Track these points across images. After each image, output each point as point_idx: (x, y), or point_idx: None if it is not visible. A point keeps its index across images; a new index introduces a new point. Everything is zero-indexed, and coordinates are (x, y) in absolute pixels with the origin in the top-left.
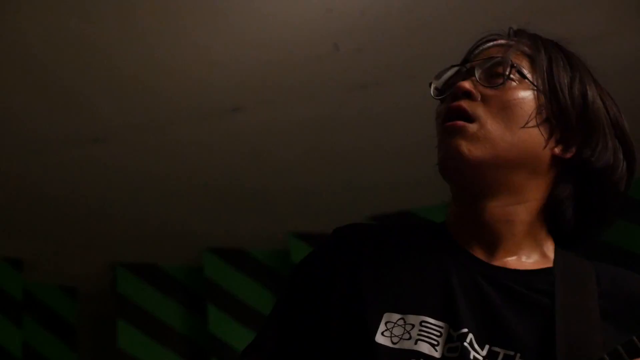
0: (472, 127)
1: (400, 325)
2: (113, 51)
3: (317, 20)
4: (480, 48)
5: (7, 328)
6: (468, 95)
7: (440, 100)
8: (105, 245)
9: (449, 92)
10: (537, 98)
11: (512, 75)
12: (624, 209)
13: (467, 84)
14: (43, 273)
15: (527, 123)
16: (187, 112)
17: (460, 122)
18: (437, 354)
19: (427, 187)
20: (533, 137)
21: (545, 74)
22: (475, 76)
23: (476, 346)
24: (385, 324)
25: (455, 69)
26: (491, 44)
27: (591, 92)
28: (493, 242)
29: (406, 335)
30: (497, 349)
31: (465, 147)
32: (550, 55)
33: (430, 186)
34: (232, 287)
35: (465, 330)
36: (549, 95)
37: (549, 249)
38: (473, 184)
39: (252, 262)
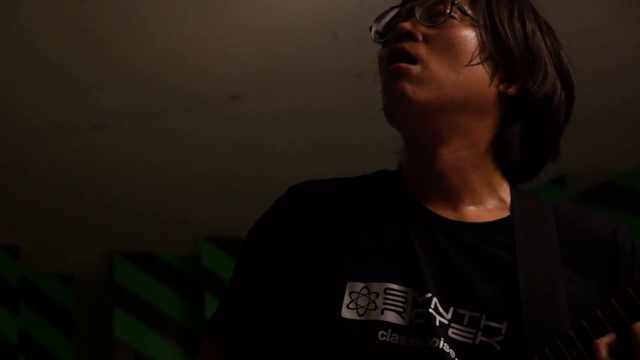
0: (416, 68)
1: (365, 295)
2: (112, 39)
3: (317, 9)
4: None
5: (3, 316)
6: (410, 36)
7: (382, 45)
8: (102, 233)
9: (390, 34)
10: (479, 35)
11: (453, 13)
12: (618, 198)
13: (407, 25)
14: (40, 261)
15: (471, 61)
16: (186, 100)
17: (404, 65)
18: (404, 322)
19: None
20: (478, 75)
21: (485, 9)
22: (415, 16)
23: (441, 310)
24: (350, 294)
25: (396, 10)
26: None
27: (530, 25)
28: (448, 192)
29: (372, 305)
30: (462, 311)
31: (410, 89)
32: None
33: None
34: (229, 276)
35: (429, 295)
36: (490, 31)
37: (505, 192)
38: (420, 128)
39: None
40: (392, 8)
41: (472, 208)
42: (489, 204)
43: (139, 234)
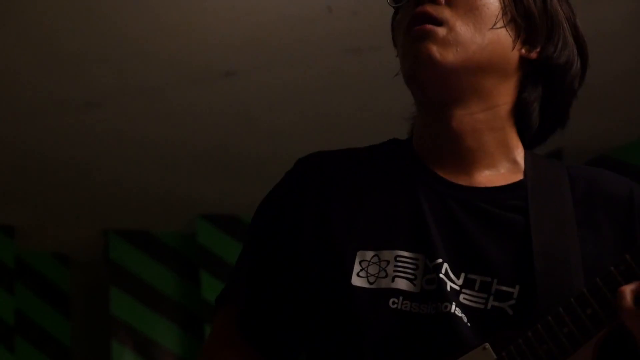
0: (441, 30)
1: (375, 263)
2: (106, 14)
3: None
4: None
5: None
6: None
7: (395, 10)
8: (98, 212)
9: None
10: None
11: None
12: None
13: None
14: (35, 240)
15: (495, 24)
16: (180, 76)
17: (429, 26)
18: (415, 289)
19: None
20: (501, 39)
21: None
22: None
23: (452, 275)
24: (360, 263)
25: None
26: None
27: None
28: (462, 155)
29: (382, 273)
30: (473, 276)
31: (436, 51)
32: None
33: None
34: (225, 253)
35: (440, 260)
36: None
37: (520, 155)
38: (444, 91)
39: (245, 228)
40: None
41: (485, 172)
42: (503, 168)
43: (134, 212)
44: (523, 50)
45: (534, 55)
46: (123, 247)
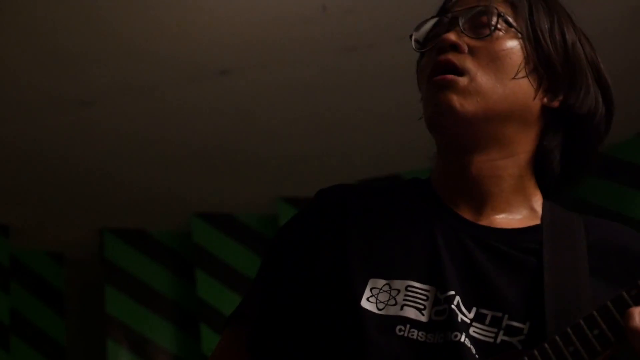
0: (463, 80)
1: (386, 291)
2: (101, 12)
3: None
4: None
5: None
6: (455, 48)
7: (420, 54)
8: (93, 210)
9: (432, 44)
10: (523, 47)
11: (498, 25)
12: (613, 170)
13: (453, 36)
14: (30, 239)
15: (517, 74)
16: (176, 74)
17: (450, 76)
18: (424, 318)
19: (416, 150)
20: (523, 88)
21: (527, 20)
22: (459, 26)
23: (463, 308)
24: (371, 289)
25: (436, 19)
26: None
27: (570, 35)
28: (480, 199)
29: (392, 301)
30: (484, 311)
31: (457, 101)
32: (531, 0)
33: (419, 149)
34: (220, 252)
35: (452, 292)
36: (533, 43)
37: (537, 202)
38: (464, 139)
39: (240, 227)
40: (432, 17)
41: (501, 215)
42: (520, 213)
43: (129, 211)
44: (545, 100)
45: (555, 104)
46: (118, 245)
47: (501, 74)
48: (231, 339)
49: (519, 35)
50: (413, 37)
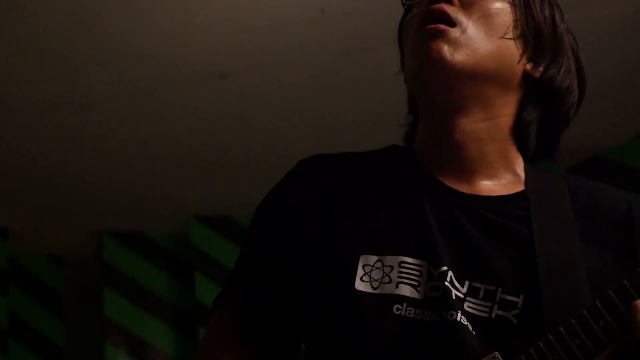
0: (455, 31)
1: (379, 268)
2: (99, 16)
3: None
4: None
5: None
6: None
7: (405, 10)
8: (91, 213)
9: None
10: (513, 11)
11: None
12: (610, 173)
13: None
14: (29, 242)
15: (505, 33)
16: (174, 77)
17: (442, 26)
18: (419, 296)
19: None
20: (510, 49)
21: None
22: None
23: (456, 283)
24: (363, 267)
25: None
26: None
27: (558, 16)
28: (464, 164)
29: (386, 279)
30: (477, 285)
31: (447, 51)
32: None
33: None
34: (218, 254)
35: (445, 268)
36: (524, 9)
37: (520, 167)
38: (448, 94)
39: (239, 229)
40: None
41: (486, 182)
42: (504, 178)
43: (127, 213)
44: (528, 67)
45: (537, 73)
46: (116, 248)
47: (491, 31)
48: (222, 322)
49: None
50: None
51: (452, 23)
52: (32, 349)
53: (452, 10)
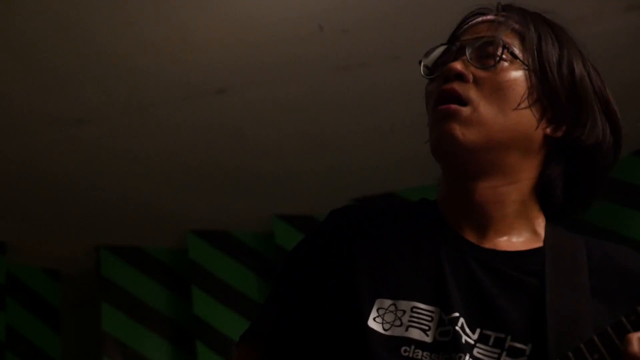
0: (466, 110)
1: (392, 312)
2: (97, 31)
3: (302, 1)
4: (469, 24)
5: None
6: (460, 77)
7: (429, 80)
8: (89, 227)
9: (439, 71)
10: (528, 78)
11: (504, 56)
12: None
13: (459, 66)
14: (26, 256)
15: (519, 105)
16: (171, 93)
17: (454, 106)
18: (428, 339)
19: (412, 168)
20: (525, 118)
21: (535, 52)
22: (466, 56)
23: (467, 330)
24: (377, 310)
25: (444, 47)
26: (480, 19)
27: (578, 69)
28: (484, 223)
29: (397, 322)
30: (488, 332)
31: (459, 131)
32: (540, 32)
33: (415, 167)
34: (216, 269)
35: (457, 314)
36: (539, 74)
37: (540, 225)
38: (466, 166)
39: (236, 244)
40: (441, 44)
41: (505, 239)
42: (523, 236)
43: (125, 228)
44: (548, 130)
45: (559, 134)
46: (114, 262)
47: (503, 105)
48: (246, 354)
49: (525, 66)
50: (422, 63)
51: (464, 102)
52: None
53: (464, 89)
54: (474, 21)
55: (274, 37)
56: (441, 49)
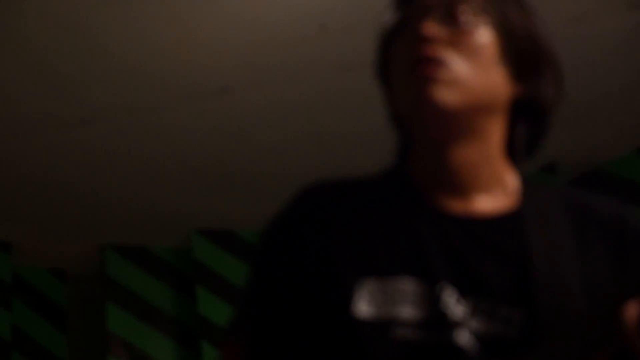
0: (445, 72)
1: (377, 291)
2: (100, 33)
3: (304, 0)
4: None
5: None
6: (432, 40)
7: (386, 40)
8: (94, 227)
9: (405, 32)
10: (497, 38)
11: (471, 16)
12: (610, 186)
13: (431, 27)
14: (32, 256)
15: (494, 63)
16: (175, 93)
17: (433, 69)
18: (418, 316)
19: None
20: (498, 77)
21: (496, 9)
22: (433, 17)
23: (454, 300)
24: (362, 291)
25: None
26: None
27: (537, 24)
28: (459, 187)
29: (385, 301)
30: (476, 302)
31: (442, 93)
32: None
33: None
34: (220, 268)
35: (442, 286)
36: (504, 33)
37: (514, 184)
38: (445, 130)
39: (240, 243)
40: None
41: (482, 203)
42: (499, 199)
43: (130, 228)
44: (517, 88)
45: (525, 92)
46: (119, 262)
47: (479, 64)
48: (231, 351)
49: (492, 24)
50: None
51: (441, 64)
52: None
53: (439, 51)
54: None
55: (276, 37)
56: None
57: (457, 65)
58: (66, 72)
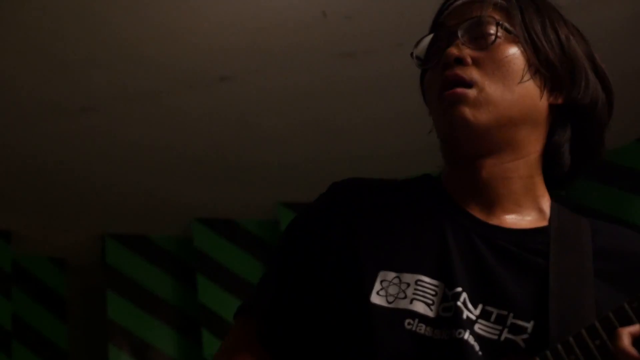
0: (472, 92)
1: (396, 284)
2: (102, 19)
3: None
4: (451, 7)
5: None
6: (459, 61)
7: (423, 70)
8: (94, 216)
9: (435, 60)
10: (524, 51)
11: (498, 33)
12: (612, 175)
13: (455, 50)
14: (32, 245)
15: (522, 78)
16: (176, 81)
17: (460, 90)
18: (431, 314)
19: (416, 156)
20: (529, 91)
21: (521, 24)
22: (459, 39)
23: (469, 305)
24: (381, 282)
25: (432, 35)
26: (460, 1)
27: (563, 32)
28: (490, 200)
29: (401, 295)
30: (490, 308)
31: (469, 114)
32: (520, 3)
33: (420, 155)
34: (221, 257)
35: (459, 289)
36: (531, 45)
37: (546, 204)
38: (479, 146)
39: (241, 232)
40: (430, 32)
41: (511, 216)
42: (529, 215)
43: (131, 216)
44: (551, 99)
45: (560, 100)
46: (120, 251)
47: (507, 81)
48: (243, 328)
49: (518, 40)
50: (414, 55)
51: (469, 84)
52: (35, 352)
53: (466, 72)
54: (456, 4)
55: (277, 24)
56: (430, 36)
57: (484, 84)
58: (66, 59)
